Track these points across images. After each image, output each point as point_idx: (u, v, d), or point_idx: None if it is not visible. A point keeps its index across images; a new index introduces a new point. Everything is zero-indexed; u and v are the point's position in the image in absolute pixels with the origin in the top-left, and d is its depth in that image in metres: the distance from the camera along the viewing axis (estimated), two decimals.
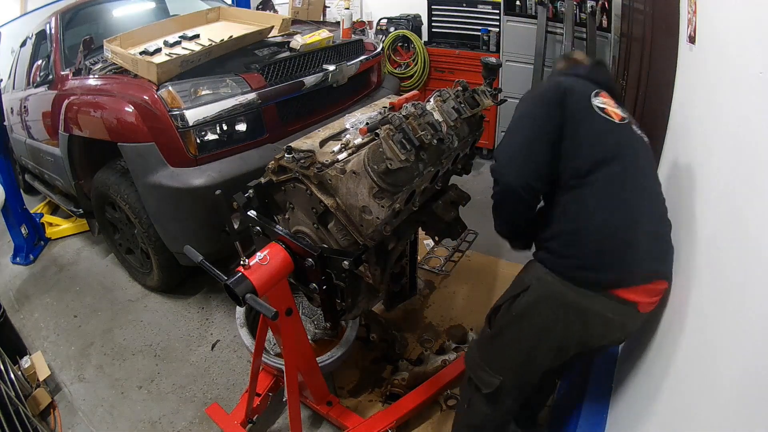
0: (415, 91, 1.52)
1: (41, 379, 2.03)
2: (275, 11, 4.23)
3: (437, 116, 1.28)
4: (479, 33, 3.71)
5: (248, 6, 3.60)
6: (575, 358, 1.25)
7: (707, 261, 1.04)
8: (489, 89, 1.46)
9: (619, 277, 1.08)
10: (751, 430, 0.70)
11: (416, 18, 4.13)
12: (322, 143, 1.26)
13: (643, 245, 1.09)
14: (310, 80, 2.21)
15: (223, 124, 1.97)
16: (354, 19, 4.01)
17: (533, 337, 1.17)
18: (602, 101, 1.17)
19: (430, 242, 2.73)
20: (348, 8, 4.17)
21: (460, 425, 1.43)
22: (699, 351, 0.98)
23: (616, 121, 1.15)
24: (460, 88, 1.41)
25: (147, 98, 1.92)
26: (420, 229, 1.61)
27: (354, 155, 1.18)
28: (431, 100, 1.39)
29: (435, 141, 1.18)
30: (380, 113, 1.28)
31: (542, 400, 1.63)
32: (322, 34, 2.32)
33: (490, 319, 1.27)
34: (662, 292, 1.14)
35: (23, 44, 3.42)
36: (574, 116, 1.14)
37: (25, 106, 3.07)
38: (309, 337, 1.79)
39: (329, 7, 4.35)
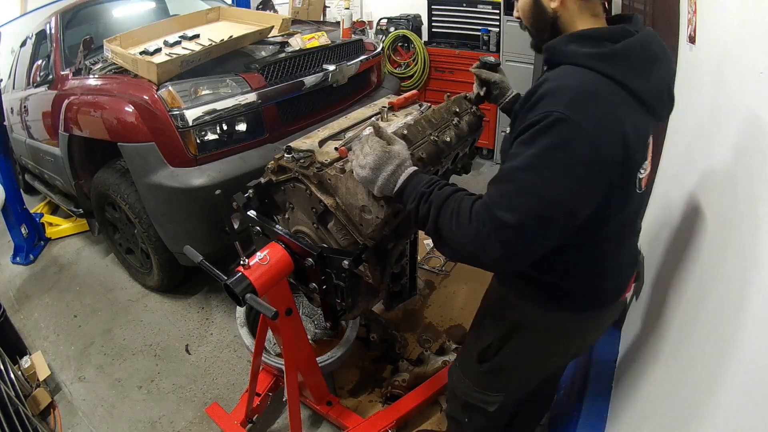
0: (414, 91, 1.52)
1: (41, 379, 2.03)
2: (275, 11, 4.23)
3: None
4: (479, 33, 3.71)
5: (248, 6, 3.60)
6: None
7: (708, 260, 1.04)
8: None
9: (617, 291, 1.09)
10: (753, 430, 0.70)
11: (416, 18, 4.13)
12: (322, 143, 1.26)
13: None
14: (310, 80, 2.21)
15: (223, 124, 1.97)
16: (354, 19, 4.02)
17: (534, 363, 1.15)
18: None
19: (430, 242, 2.73)
20: (348, 8, 4.15)
21: None
22: (700, 350, 0.98)
23: None
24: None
25: (147, 98, 1.92)
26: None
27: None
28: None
29: None
30: (378, 113, 1.28)
31: (545, 404, 1.58)
32: (321, 39, 2.32)
33: (481, 357, 1.19)
34: None
35: (23, 44, 3.41)
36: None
37: (25, 106, 3.07)
38: (309, 337, 1.79)
39: (329, 7, 4.34)
